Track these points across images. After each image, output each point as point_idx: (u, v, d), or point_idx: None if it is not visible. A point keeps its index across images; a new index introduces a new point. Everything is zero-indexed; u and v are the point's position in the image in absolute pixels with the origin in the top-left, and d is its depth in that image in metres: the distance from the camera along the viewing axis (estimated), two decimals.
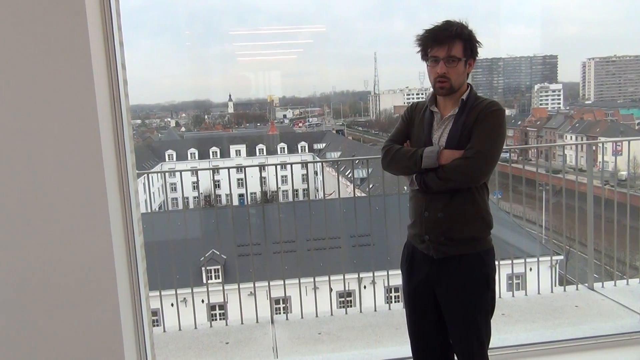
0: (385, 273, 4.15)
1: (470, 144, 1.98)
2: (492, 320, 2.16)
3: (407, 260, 2.20)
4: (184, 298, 4.11)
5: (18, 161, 1.85)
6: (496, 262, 2.19)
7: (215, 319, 4.61)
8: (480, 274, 2.06)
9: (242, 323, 3.95)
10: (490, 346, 2.16)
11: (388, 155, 2.16)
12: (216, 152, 37.11)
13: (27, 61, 1.80)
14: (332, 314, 4.02)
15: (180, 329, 3.91)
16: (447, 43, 1.97)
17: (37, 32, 1.79)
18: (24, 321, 1.94)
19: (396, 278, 4.04)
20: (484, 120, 1.98)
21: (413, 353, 2.25)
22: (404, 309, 2.26)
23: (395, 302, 4.33)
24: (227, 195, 23.12)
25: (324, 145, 38.90)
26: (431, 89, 2.11)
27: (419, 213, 2.11)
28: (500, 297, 4.06)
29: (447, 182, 1.99)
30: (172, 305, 3.87)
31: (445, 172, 1.99)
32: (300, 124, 47.46)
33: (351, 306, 4.20)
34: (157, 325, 4.01)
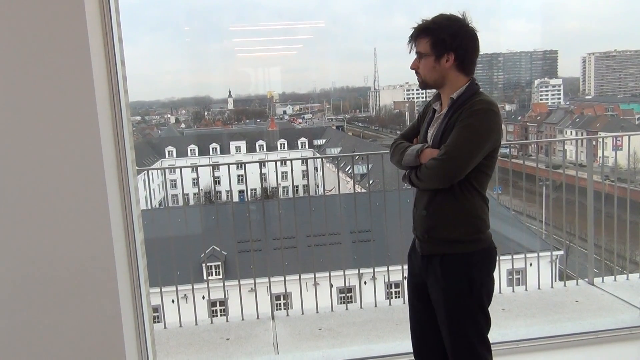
0: (386, 269, 4.15)
1: (444, 145, 1.95)
2: (491, 315, 2.09)
3: (410, 252, 2.23)
4: (185, 294, 4.12)
5: (18, 159, 1.85)
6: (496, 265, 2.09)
7: (216, 315, 4.63)
8: (463, 276, 2.00)
9: (242, 319, 3.95)
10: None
11: (390, 149, 2.21)
12: (216, 148, 37.07)
13: (26, 58, 1.80)
14: (332, 310, 4.02)
15: (180, 325, 3.92)
16: (413, 39, 2.00)
17: (36, 29, 1.78)
18: (25, 317, 1.94)
19: (396, 274, 4.06)
20: (463, 121, 1.93)
21: (413, 346, 2.25)
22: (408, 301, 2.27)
23: (395, 297, 4.34)
24: (227, 191, 23.10)
25: (324, 141, 38.87)
26: None
27: (412, 208, 2.15)
28: (500, 292, 4.06)
29: (421, 181, 2.01)
30: (172, 301, 3.88)
31: (421, 171, 2.00)
32: (300, 121, 47.43)
33: (351, 302, 4.21)
34: (158, 322, 4.01)
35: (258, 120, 46.80)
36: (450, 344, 2.08)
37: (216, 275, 14.04)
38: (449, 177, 1.94)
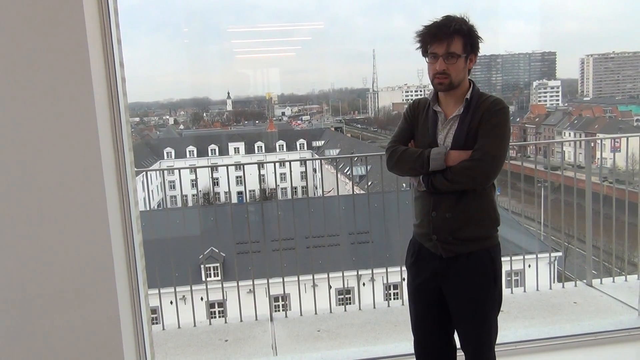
0: (384, 270, 4.15)
1: (477, 145, 1.96)
2: None
3: (412, 257, 2.18)
4: (183, 296, 4.12)
5: (16, 161, 1.85)
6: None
7: (215, 317, 4.62)
8: (488, 270, 2.06)
9: (241, 320, 3.95)
10: None
11: (394, 156, 2.11)
12: (215, 149, 37.10)
13: (25, 60, 1.80)
14: (331, 312, 4.02)
15: (179, 327, 3.91)
16: (446, 39, 1.94)
17: (35, 30, 1.78)
18: (24, 319, 1.94)
19: (395, 275, 4.06)
20: (489, 121, 1.97)
21: (416, 349, 2.24)
22: (408, 305, 2.24)
23: (394, 299, 4.33)
24: (225, 193, 23.11)
25: (322, 142, 38.91)
26: (431, 87, 2.09)
27: (425, 213, 2.09)
28: None
29: (455, 184, 1.98)
30: (171, 303, 3.87)
31: (453, 173, 1.98)
32: (299, 122, 47.50)
33: (350, 303, 4.20)
34: (156, 323, 4.02)
35: (257, 122, 46.86)
36: (473, 341, 2.11)
37: (215, 276, 14.02)
38: (489, 176, 2.00)
